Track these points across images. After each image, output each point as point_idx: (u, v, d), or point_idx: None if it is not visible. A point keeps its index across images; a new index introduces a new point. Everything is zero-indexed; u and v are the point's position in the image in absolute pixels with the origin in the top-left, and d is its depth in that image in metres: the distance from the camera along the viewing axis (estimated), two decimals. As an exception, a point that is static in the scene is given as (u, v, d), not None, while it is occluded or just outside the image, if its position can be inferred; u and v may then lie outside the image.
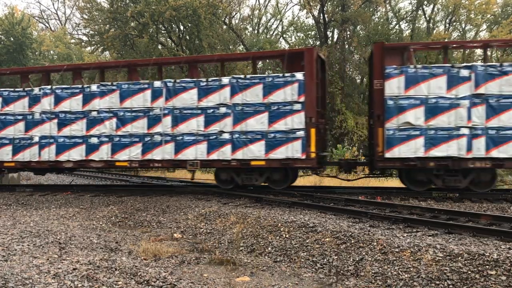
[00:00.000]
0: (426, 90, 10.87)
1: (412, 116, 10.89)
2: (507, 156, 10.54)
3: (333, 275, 6.71)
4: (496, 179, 11.45)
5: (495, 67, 10.72)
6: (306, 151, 11.48)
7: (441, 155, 10.80)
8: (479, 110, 10.67)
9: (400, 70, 11.01)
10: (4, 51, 31.17)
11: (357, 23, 25.94)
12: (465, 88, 10.73)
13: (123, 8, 24.42)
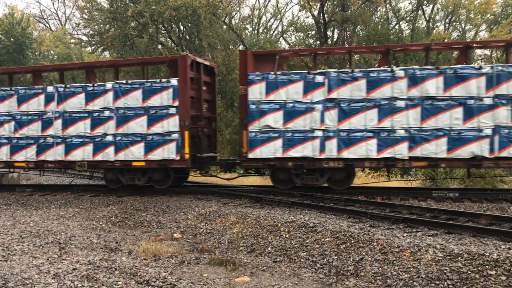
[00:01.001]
0: (284, 95, 11.57)
1: (272, 120, 11.61)
2: (356, 157, 11.25)
3: (333, 275, 6.71)
4: (352, 177, 12.08)
5: (346, 73, 11.35)
6: (181, 152, 12.23)
7: (298, 155, 11.53)
8: (332, 114, 11.36)
9: (261, 77, 11.68)
10: (4, 51, 31.19)
11: (357, 23, 25.93)
12: (320, 93, 11.41)
13: (123, 8, 24.42)
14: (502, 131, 10.61)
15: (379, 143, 11.13)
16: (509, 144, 10.57)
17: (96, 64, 16.10)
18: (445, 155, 10.87)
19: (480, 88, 10.74)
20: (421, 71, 11.03)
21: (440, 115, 10.88)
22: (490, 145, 10.68)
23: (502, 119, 10.61)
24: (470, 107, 10.76)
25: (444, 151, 10.86)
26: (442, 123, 10.87)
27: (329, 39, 27.54)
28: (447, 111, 10.85)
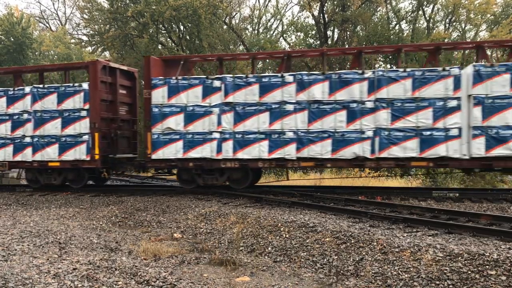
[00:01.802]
0: (185, 99, 12.18)
1: (173, 122, 12.20)
2: (250, 157, 11.87)
3: (333, 275, 6.71)
4: (249, 177, 12.56)
5: (241, 78, 11.98)
6: (91, 153, 12.95)
7: (197, 156, 12.15)
8: (228, 117, 11.99)
9: (164, 81, 12.28)
10: (4, 51, 31.16)
11: (357, 23, 25.92)
12: (217, 97, 12.04)
13: (123, 8, 24.41)
14: (382, 133, 11.18)
15: (270, 145, 11.78)
16: (389, 145, 11.13)
17: (23, 69, 16.97)
18: (330, 155, 11.47)
19: (362, 92, 11.31)
20: (308, 77, 11.62)
21: (325, 118, 11.49)
22: (371, 146, 11.25)
23: (382, 122, 11.18)
24: (353, 110, 11.35)
25: (329, 152, 11.46)
26: (327, 125, 11.47)
27: (329, 39, 27.54)
28: (332, 114, 11.46)
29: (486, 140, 10.70)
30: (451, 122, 10.88)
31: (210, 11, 24.00)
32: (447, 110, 10.90)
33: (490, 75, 10.74)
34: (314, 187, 14.17)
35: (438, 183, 17.43)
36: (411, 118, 11.06)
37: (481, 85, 10.76)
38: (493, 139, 10.69)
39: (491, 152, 10.69)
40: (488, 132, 10.69)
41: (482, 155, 10.75)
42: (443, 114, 10.91)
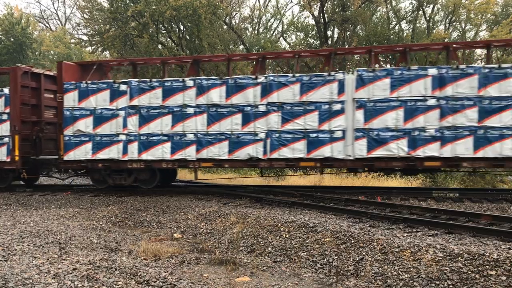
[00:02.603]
0: (94, 102, 12.64)
1: (83, 125, 12.68)
2: (154, 158, 12.35)
3: (333, 275, 6.71)
4: (156, 177, 13.08)
5: (146, 82, 12.49)
6: (11, 154, 13.50)
7: (105, 157, 12.61)
8: (133, 120, 12.45)
9: (75, 86, 12.75)
10: (4, 51, 31.17)
11: (357, 23, 25.91)
12: (123, 101, 12.49)
13: (123, 8, 24.39)
14: (273, 135, 11.70)
15: (172, 146, 12.28)
16: (280, 147, 11.65)
17: None
18: (227, 156, 11.97)
19: (256, 96, 11.82)
20: (207, 81, 12.15)
21: (223, 121, 12.01)
22: (263, 147, 11.77)
23: (273, 124, 11.70)
24: (247, 113, 11.87)
25: (226, 152, 11.99)
26: (224, 128, 11.99)
27: (329, 39, 27.53)
28: (228, 117, 11.98)
29: (368, 142, 11.17)
30: (335, 125, 11.38)
31: (210, 11, 23.99)
32: (332, 113, 11.39)
33: (372, 79, 11.19)
34: (314, 187, 14.18)
35: (438, 183, 17.44)
36: (299, 121, 11.57)
37: (364, 89, 11.23)
38: (374, 140, 11.14)
39: (373, 153, 11.16)
40: (370, 134, 11.15)
41: (365, 156, 11.20)
42: (329, 117, 11.40)
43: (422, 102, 10.91)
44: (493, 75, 10.70)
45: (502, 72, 10.67)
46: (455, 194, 11.40)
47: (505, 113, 10.59)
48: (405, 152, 10.97)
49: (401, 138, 10.97)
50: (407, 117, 10.95)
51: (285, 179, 19.11)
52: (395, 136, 11.00)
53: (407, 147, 10.96)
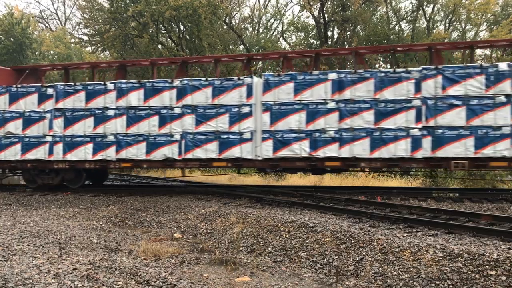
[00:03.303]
0: (23, 105, 13.28)
1: (13, 127, 13.33)
2: (77, 159, 12.93)
3: (333, 275, 6.71)
4: (82, 177, 13.81)
5: (70, 86, 13.06)
6: None
7: (33, 158, 13.22)
8: (59, 122, 13.04)
9: (6, 89, 13.43)
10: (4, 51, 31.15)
11: (357, 23, 25.92)
12: (50, 104, 13.11)
13: (123, 8, 24.39)
14: (188, 136, 12.25)
15: (94, 147, 12.83)
16: (194, 148, 12.18)
17: None
18: (145, 157, 12.46)
19: (172, 99, 12.37)
20: (127, 85, 12.70)
21: (141, 123, 12.53)
22: (179, 148, 12.29)
23: (188, 126, 12.23)
24: (164, 115, 12.40)
25: (144, 153, 12.49)
26: (142, 129, 12.51)
27: (329, 39, 27.53)
28: (146, 119, 12.49)
29: (273, 143, 11.72)
30: (244, 127, 11.91)
31: (210, 11, 23.99)
32: (242, 116, 11.93)
33: (277, 83, 11.74)
34: (314, 187, 14.19)
35: (438, 183, 17.43)
36: (211, 123, 12.12)
37: (270, 92, 11.78)
38: (279, 142, 11.69)
39: (278, 153, 11.72)
40: (275, 136, 11.70)
41: (271, 156, 11.76)
42: (238, 119, 11.94)
43: (322, 105, 11.45)
44: (388, 79, 11.16)
45: (397, 76, 11.12)
46: (455, 194, 11.41)
47: (399, 116, 11.04)
48: (307, 153, 11.52)
49: (303, 139, 11.53)
50: (309, 120, 11.50)
51: (285, 179, 19.11)
52: (298, 138, 11.55)
53: (309, 148, 11.50)
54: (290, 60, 13.12)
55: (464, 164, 10.79)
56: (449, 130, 10.78)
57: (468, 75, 10.75)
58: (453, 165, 10.82)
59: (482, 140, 10.63)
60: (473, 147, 10.68)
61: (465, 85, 10.76)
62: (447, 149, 10.78)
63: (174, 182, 16.83)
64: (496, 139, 10.58)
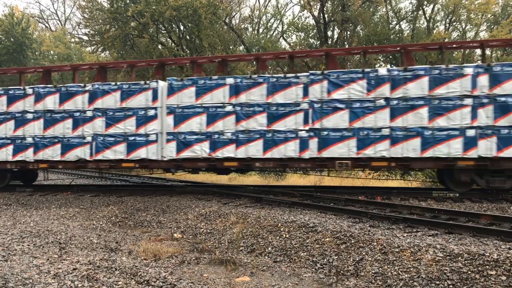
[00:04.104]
0: None
1: None
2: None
3: (333, 275, 6.71)
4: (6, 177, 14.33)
5: None
6: None
7: None
8: None
9: None
10: (4, 51, 31.17)
11: (357, 23, 25.92)
12: None
13: (123, 8, 24.40)
14: (98, 138, 12.81)
15: (14, 149, 13.41)
16: (104, 149, 12.80)
17: None
18: (60, 158, 13.06)
19: (84, 102, 12.95)
20: (44, 89, 13.28)
21: (56, 125, 13.13)
22: (90, 149, 12.88)
23: (98, 128, 12.84)
24: (77, 118, 12.99)
25: (59, 154, 13.10)
26: (58, 132, 13.09)
27: (329, 39, 27.53)
28: (61, 122, 13.09)
29: (177, 144, 12.32)
30: (150, 129, 12.50)
31: (210, 11, 24.00)
32: (148, 118, 12.52)
33: (180, 87, 12.33)
34: (314, 187, 14.18)
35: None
36: (120, 125, 12.70)
37: (174, 96, 12.38)
38: (182, 143, 12.29)
39: (181, 154, 12.27)
40: (178, 137, 12.30)
41: (174, 157, 12.34)
42: (145, 121, 12.53)
43: (221, 109, 12.08)
44: (279, 84, 11.77)
45: (287, 81, 11.74)
46: (455, 194, 11.40)
47: (289, 118, 11.66)
48: (207, 154, 12.16)
49: (204, 141, 12.17)
50: (209, 122, 12.14)
51: (285, 179, 19.11)
52: (199, 139, 12.20)
53: (209, 149, 12.15)
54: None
55: (347, 164, 11.42)
56: (333, 132, 11.39)
57: (351, 80, 11.35)
58: (337, 165, 11.47)
59: (363, 141, 11.23)
60: (356, 147, 11.28)
61: (349, 89, 11.35)
62: (332, 150, 11.41)
63: (174, 182, 16.83)
64: (376, 140, 11.17)
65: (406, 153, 11.04)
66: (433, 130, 10.89)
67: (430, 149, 10.92)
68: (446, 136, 10.83)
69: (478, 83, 10.75)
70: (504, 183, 11.04)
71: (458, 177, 11.31)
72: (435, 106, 10.88)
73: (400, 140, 11.06)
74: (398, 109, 11.06)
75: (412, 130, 10.99)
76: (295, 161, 11.74)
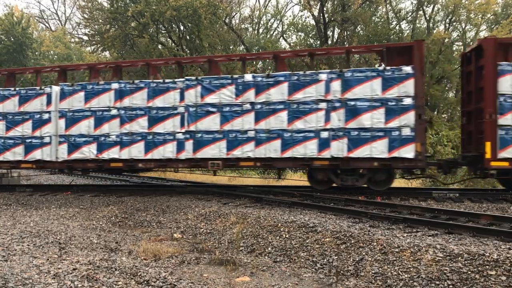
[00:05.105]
0: None
1: None
2: None
3: (333, 275, 6.71)
4: None
5: None
6: None
7: None
8: None
9: None
10: (4, 51, 31.17)
11: (357, 23, 25.93)
12: None
13: (124, 8, 24.41)
14: None
15: None
16: (4, 151, 13.40)
17: None
18: None
19: None
20: None
21: None
22: None
23: None
24: None
25: None
26: None
27: (329, 39, 27.54)
28: None
29: (68, 146, 12.94)
30: (45, 132, 13.12)
31: (210, 11, 24.00)
32: (42, 122, 13.15)
33: (71, 92, 12.94)
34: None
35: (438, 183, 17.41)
36: (18, 128, 13.33)
37: (65, 101, 12.97)
38: (72, 145, 12.92)
39: (72, 155, 12.94)
40: (69, 140, 12.93)
41: (66, 158, 12.97)
42: (40, 125, 13.16)
43: (107, 112, 12.70)
44: (159, 88, 12.39)
45: (166, 86, 12.37)
46: (455, 194, 11.40)
47: (168, 121, 12.30)
48: (95, 155, 12.77)
49: (92, 143, 12.81)
50: (96, 125, 12.75)
51: (285, 180, 19.10)
52: (88, 141, 12.84)
53: (96, 150, 12.76)
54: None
55: (218, 164, 12.05)
56: (206, 134, 12.04)
57: (222, 85, 11.99)
58: (210, 165, 12.10)
59: (232, 142, 11.87)
60: (226, 149, 11.92)
61: (220, 94, 11.99)
62: (205, 151, 12.06)
63: (174, 182, 16.83)
64: (243, 141, 11.81)
65: (269, 154, 11.68)
66: (292, 132, 11.52)
67: (289, 150, 11.53)
68: (303, 138, 11.45)
69: (331, 88, 11.30)
70: (357, 182, 11.63)
71: (316, 176, 12.02)
72: (294, 110, 11.51)
73: (264, 141, 11.71)
74: (262, 113, 11.71)
75: (274, 132, 11.64)
76: (173, 161, 12.43)
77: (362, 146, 11.10)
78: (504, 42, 11.31)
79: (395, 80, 10.96)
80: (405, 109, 10.87)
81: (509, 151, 10.73)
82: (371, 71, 11.17)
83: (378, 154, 11.03)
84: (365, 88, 11.08)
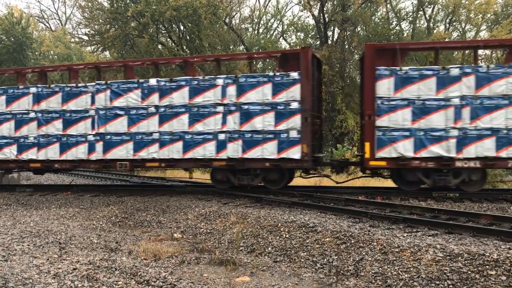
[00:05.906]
0: None
1: None
2: None
3: (333, 275, 6.71)
4: None
5: None
6: None
7: None
8: None
9: None
10: (4, 51, 31.15)
11: (357, 23, 25.90)
12: None
13: (124, 8, 24.40)
14: None
15: None
16: None
17: None
18: None
19: None
20: None
21: None
22: None
23: None
24: None
25: None
26: None
27: (329, 39, 27.52)
28: None
29: None
30: None
31: (210, 11, 23.99)
32: None
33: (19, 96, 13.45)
34: (314, 187, 14.19)
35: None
36: None
37: None
38: None
39: None
40: None
41: None
42: None
43: (26, 115, 13.32)
44: (72, 92, 13.00)
45: (78, 90, 12.99)
46: (455, 194, 11.40)
47: (80, 124, 12.89)
48: (15, 156, 13.37)
49: (12, 144, 13.42)
50: (17, 127, 13.36)
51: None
52: (9, 143, 13.44)
53: (16, 152, 13.37)
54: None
55: (126, 165, 12.63)
56: (115, 136, 12.57)
57: (129, 89, 12.50)
58: (118, 165, 12.66)
59: (139, 144, 12.38)
60: (132, 150, 12.44)
61: (127, 98, 12.49)
62: (114, 152, 12.57)
63: (174, 182, 16.83)
64: (149, 143, 12.35)
65: (172, 155, 12.21)
66: (192, 134, 12.07)
67: (191, 151, 12.08)
68: (203, 140, 12.02)
69: (228, 92, 11.85)
70: (252, 181, 12.18)
71: (216, 175, 12.62)
72: (194, 113, 12.07)
73: (167, 143, 12.23)
74: (165, 116, 12.23)
75: (176, 135, 12.18)
76: (85, 162, 13.01)
77: (254, 147, 11.71)
78: (383, 48, 11.74)
79: (283, 85, 11.52)
80: (292, 112, 11.45)
81: (386, 151, 11.07)
82: (262, 77, 11.76)
83: (269, 155, 11.60)
84: (257, 93, 11.67)
